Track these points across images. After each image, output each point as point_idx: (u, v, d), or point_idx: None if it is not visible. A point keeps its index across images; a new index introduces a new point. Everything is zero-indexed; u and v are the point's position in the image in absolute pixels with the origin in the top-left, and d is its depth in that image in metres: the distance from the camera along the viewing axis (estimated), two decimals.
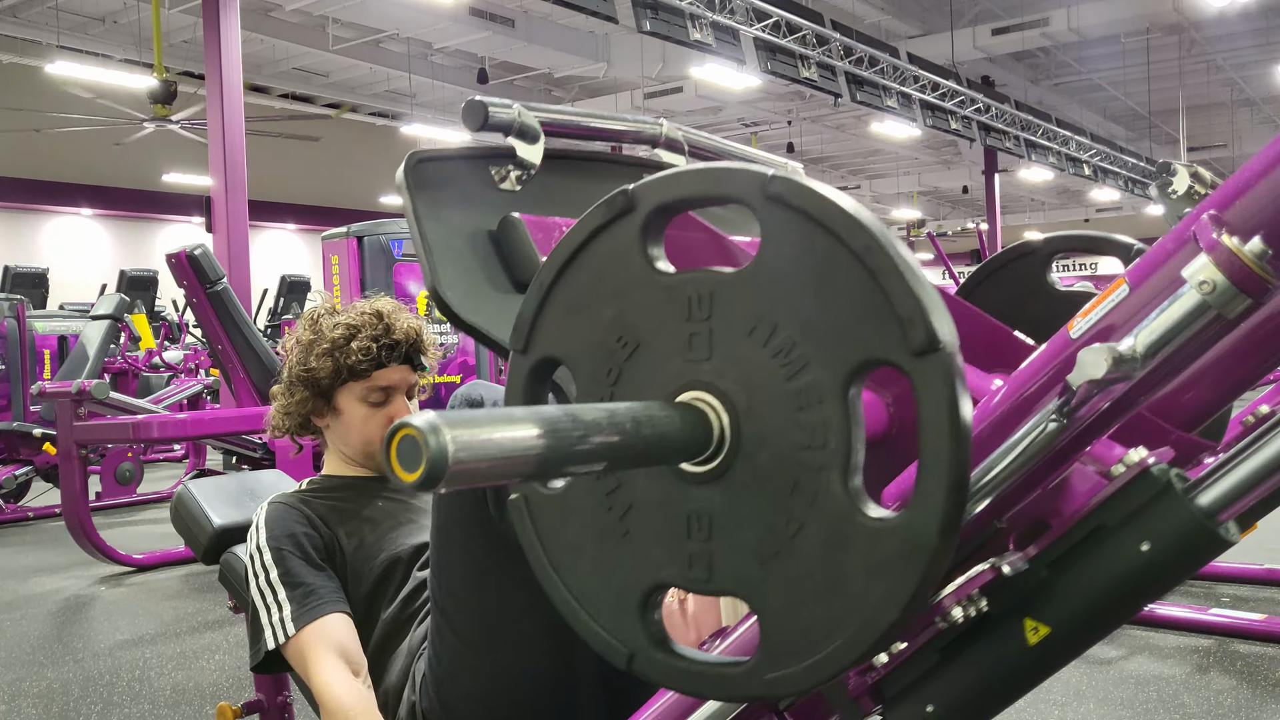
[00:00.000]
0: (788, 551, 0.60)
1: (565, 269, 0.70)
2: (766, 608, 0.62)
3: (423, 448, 0.47)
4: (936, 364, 0.55)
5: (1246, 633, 2.59)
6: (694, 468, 0.63)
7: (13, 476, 5.58)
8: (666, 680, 0.67)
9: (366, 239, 4.22)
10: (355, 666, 1.31)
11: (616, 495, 0.67)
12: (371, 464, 1.55)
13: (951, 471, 0.55)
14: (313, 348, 1.49)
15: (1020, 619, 0.69)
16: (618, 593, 0.67)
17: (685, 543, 0.64)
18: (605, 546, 0.67)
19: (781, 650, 0.61)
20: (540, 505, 0.70)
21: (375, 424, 1.51)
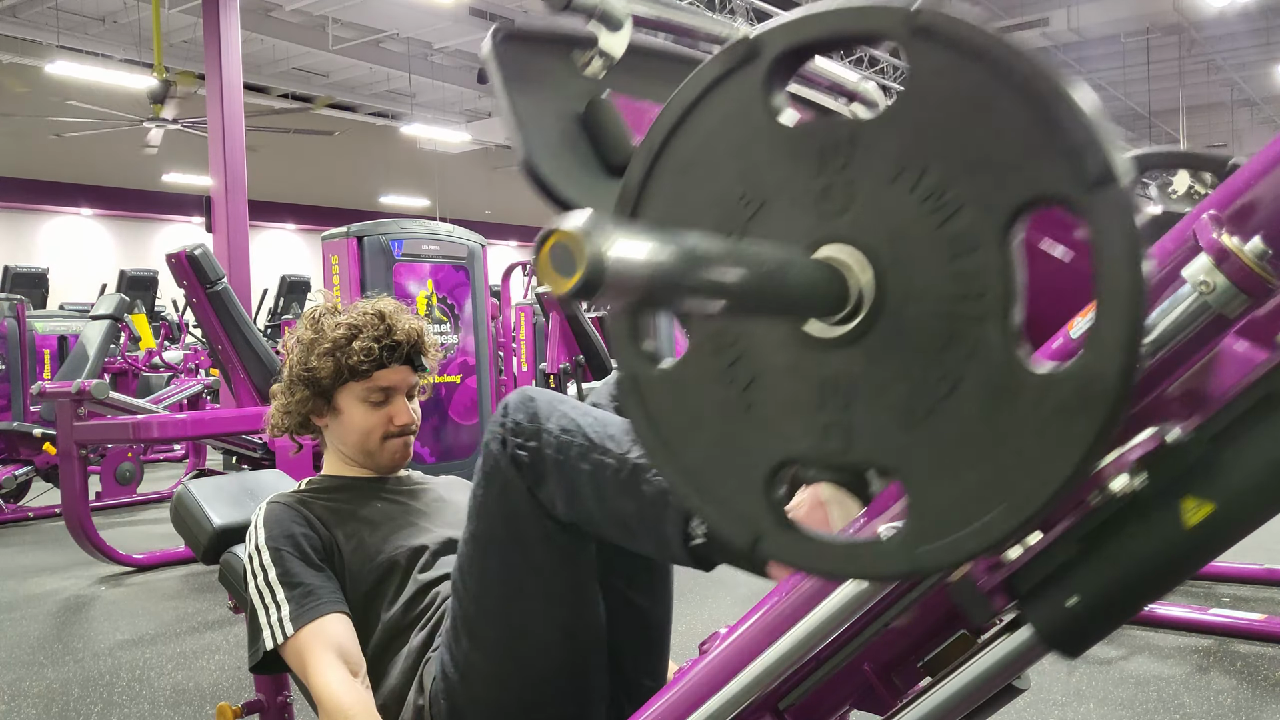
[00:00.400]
0: (940, 413, 0.55)
1: (677, 128, 0.64)
2: (914, 476, 0.57)
3: (581, 250, 0.43)
4: (1114, 196, 0.50)
5: (1246, 633, 2.59)
6: (828, 331, 0.58)
7: (13, 476, 5.57)
8: (799, 560, 0.62)
9: (366, 239, 4.22)
10: (354, 667, 1.31)
11: (738, 368, 0.62)
12: (370, 463, 1.55)
13: (1132, 312, 0.50)
14: (314, 347, 1.49)
15: (1179, 497, 0.63)
16: (740, 471, 0.62)
17: (818, 414, 0.59)
18: (726, 423, 0.63)
19: (933, 521, 0.56)
20: (652, 384, 0.65)
21: (375, 424, 1.52)
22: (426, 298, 4.39)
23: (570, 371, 6.46)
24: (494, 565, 1.17)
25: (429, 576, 1.40)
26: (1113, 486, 0.62)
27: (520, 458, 1.11)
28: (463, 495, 1.64)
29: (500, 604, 1.18)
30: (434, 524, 1.49)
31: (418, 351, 1.54)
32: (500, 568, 1.17)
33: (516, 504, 1.13)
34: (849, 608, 0.79)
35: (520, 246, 20.62)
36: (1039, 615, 0.68)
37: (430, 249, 4.43)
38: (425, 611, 1.37)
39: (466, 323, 4.52)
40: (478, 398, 4.55)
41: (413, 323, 1.54)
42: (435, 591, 1.38)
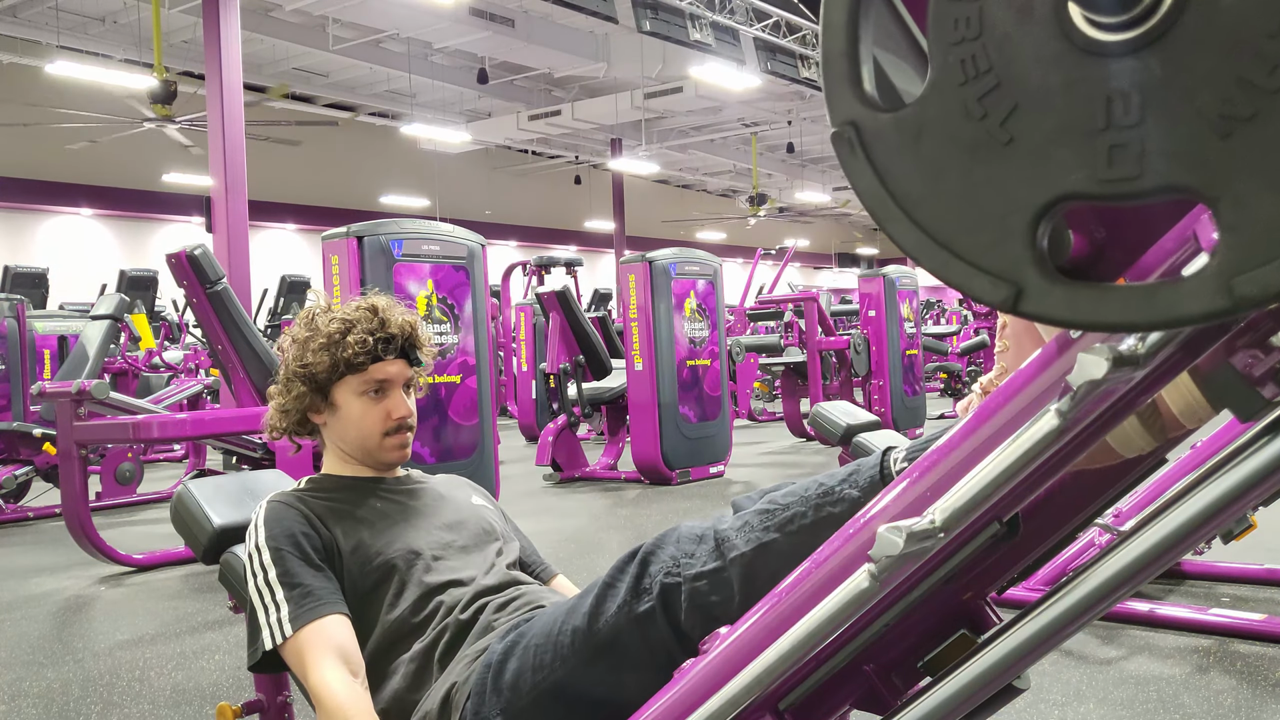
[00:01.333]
0: (1269, 110, 0.47)
1: None
2: (1232, 192, 0.49)
3: None
4: None
5: (1246, 633, 2.59)
6: (1118, 35, 0.51)
7: (13, 476, 5.57)
8: (1073, 313, 0.53)
9: (366, 239, 4.23)
10: (353, 668, 1.31)
11: (995, 96, 0.54)
12: (370, 460, 1.55)
13: None
14: (309, 343, 1.50)
15: None
16: (998, 219, 0.54)
17: (1103, 135, 0.51)
18: (980, 164, 0.54)
19: (1258, 242, 0.48)
20: (880, 133, 0.57)
21: (373, 418, 1.52)
22: (426, 298, 4.39)
23: (570, 371, 6.47)
24: (597, 669, 1.16)
25: (432, 581, 1.40)
26: None
27: (699, 590, 1.09)
28: (462, 494, 1.64)
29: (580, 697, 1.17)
30: (433, 525, 1.49)
31: (412, 345, 1.54)
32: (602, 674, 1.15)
33: (657, 636, 1.11)
34: (849, 608, 0.79)
35: (520, 246, 20.62)
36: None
37: (430, 249, 4.43)
38: (429, 620, 1.37)
39: (466, 323, 4.52)
40: (478, 398, 4.55)
41: (406, 316, 1.55)
42: (439, 600, 1.38)
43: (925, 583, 0.85)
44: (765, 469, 6.98)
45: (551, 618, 1.22)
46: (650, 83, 14.95)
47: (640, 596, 1.13)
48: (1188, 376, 0.71)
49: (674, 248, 6.65)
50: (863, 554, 0.77)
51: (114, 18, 12.28)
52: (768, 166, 21.32)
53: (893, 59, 0.67)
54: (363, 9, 12.18)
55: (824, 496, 1.04)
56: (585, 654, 1.16)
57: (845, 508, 1.03)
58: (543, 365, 7.22)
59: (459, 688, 1.27)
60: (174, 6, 11.09)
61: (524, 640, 1.22)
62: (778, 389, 11.28)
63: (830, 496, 1.04)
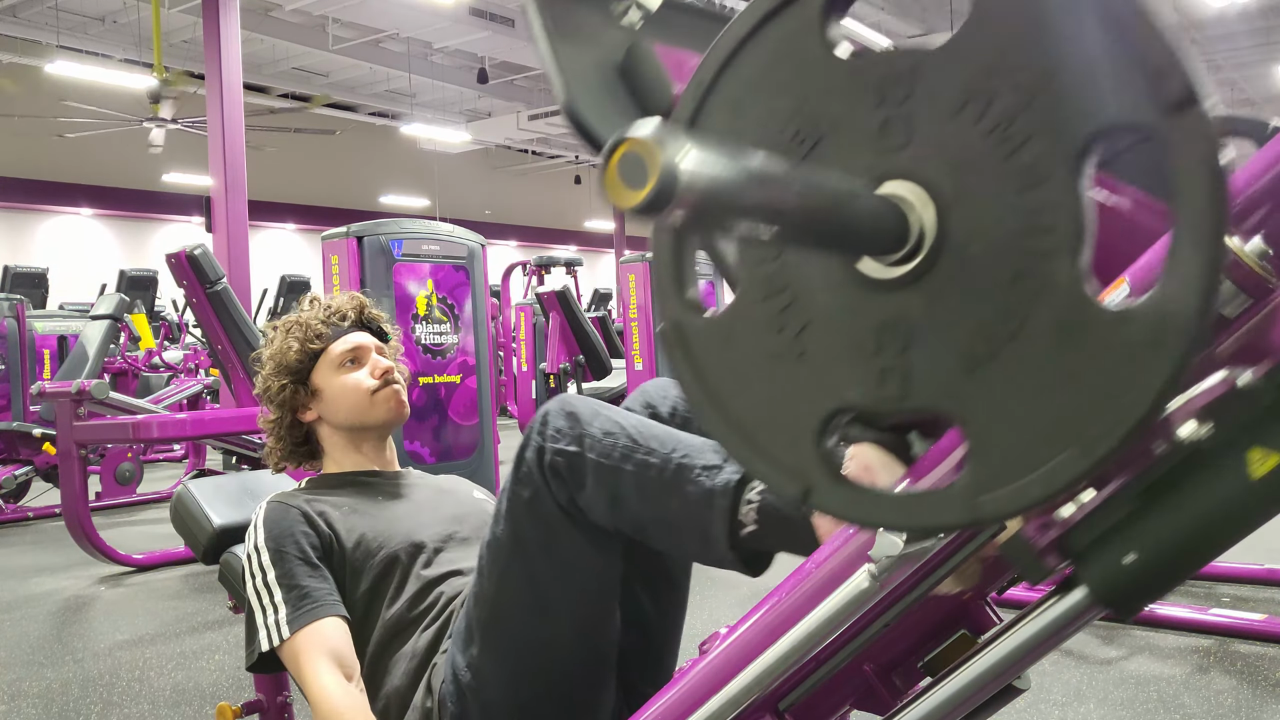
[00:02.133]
0: (1005, 354, 0.53)
1: (729, 62, 0.62)
2: (977, 421, 0.54)
3: (654, 159, 0.41)
4: (1195, 120, 0.48)
5: (1246, 633, 2.59)
6: (886, 272, 0.56)
7: (13, 476, 5.57)
8: (852, 513, 0.60)
9: (366, 239, 4.23)
10: (349, 670, 1.31)
11: (790, 313, 0.60)
12: (367, 424, 1.57)
13: (1213, 243, 0.48)
14: (274, 342, 1.60)
15: (1246, 448, 0.60)
16: (792, 422, 0.60)
17: (874, 358, 0.57)
18: (777, 371, 0.60)
19: (996, 467, 0.53)
20: (698, 334, 0.63)
21: (356, 382, 1.57)
22: (426, 298, 4.39)
23: (570, 371, 6.46)
24: (516, 573, 1.16)
25: (432, 573, 1.40)
26: (1181, 433, 0.59)
27: (558, 464, 1.10)
28: (463, 489, 1.64)
29: (519, 612, 1.17)
30: (435, 518, 1.49)
31: (369, 319, 1.65)
32: (523, 576, 1.16)
33: (546, 512, 1.12)
34: (849, 608, 0.79)
35: (520, 246, 20.61)
36: (1094, 574, 0.65)
37: (430, 249, 4.43)
38: (429, 611, 1.37)
39: (466, 323, 4.52)
40: (477, 398, 4.55)
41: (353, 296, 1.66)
42: (439, 591, 1.38)
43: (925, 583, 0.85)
44: None
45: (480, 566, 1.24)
46: None
47: (523, 481, 1.14)
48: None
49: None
50: (863, 554, 0.77)
51: (114, 17, 12.28)
52: None
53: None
54: (363, 9, 12.17)
55: (680, 471, 1.04)
56: (503, 561, 1.17)
57: (695, 495, 1.02)
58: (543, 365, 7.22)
59: (436, 669, 1.28)
60: (174, 6, 11.09)
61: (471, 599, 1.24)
62: None
63: (686, 476, 1.04)
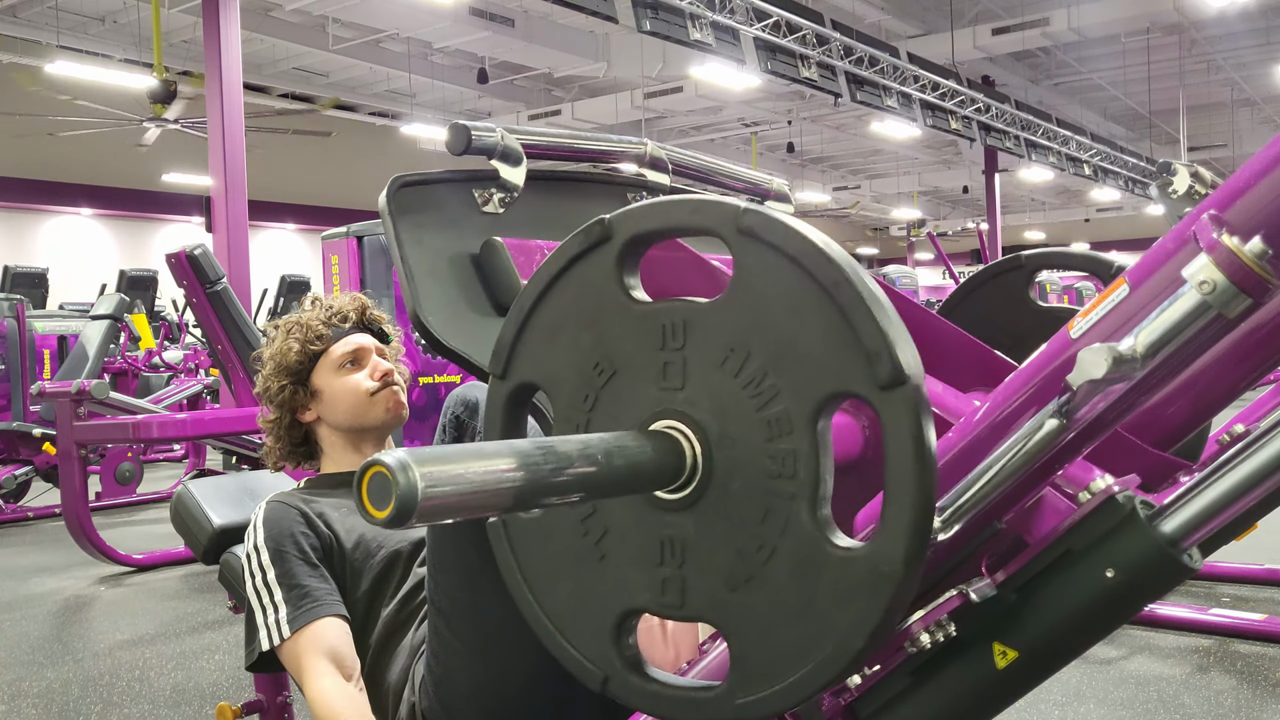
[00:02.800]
0: (758, 578, 0.61)
1: (544, 295, 0.70)
2: (737, 633, 0.62)
3: (392, 485, 0.46)
4: (901, 398, 0.56)
5: (1246, 633, 2.59)
6: (667, 495, 0.64)
7: (13, 476, 5.57)
8: (640, 703, 0.68)
9: (366, 239, 4.23)
10: (348, 671, 1.31)
11: (592, 520, 0.68)
12: (366, 424, 1.57)
13: (916, 505, 0.56)
14: (275, 342, 1.59)
15: (989, 643, 0.70)
16: (593, 616, 0.68)
17: (658, 568, 0.65)
18: (581, 570, 0.68)
19: (752, 675, 0.62)
20: (518, 529, 0.71)
21: (356, 383, 1.56)
22: None
23: None
24: (455, 556, 1.16)
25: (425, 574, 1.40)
26: (922, 639, 0.69)
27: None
28: None
29: (469, 594, 1.16)
30: None
31: (370, 320, 1.63)
32: (461, 559, 1.16)
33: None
34: None
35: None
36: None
37: None
38: (422, 605, 1.37)
39: None
40: None
41: (354, 297, 1.64)
42: None
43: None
44: None
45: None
46: (650, 82, 14.94)
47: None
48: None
49: None
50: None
51: (114, 17, 12.27)
52: (768, 166, 21.31)
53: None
54: (363, 9, 12.17)
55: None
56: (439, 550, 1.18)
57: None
58: None
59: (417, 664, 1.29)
60: (174, 6, 11.08)
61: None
62: None
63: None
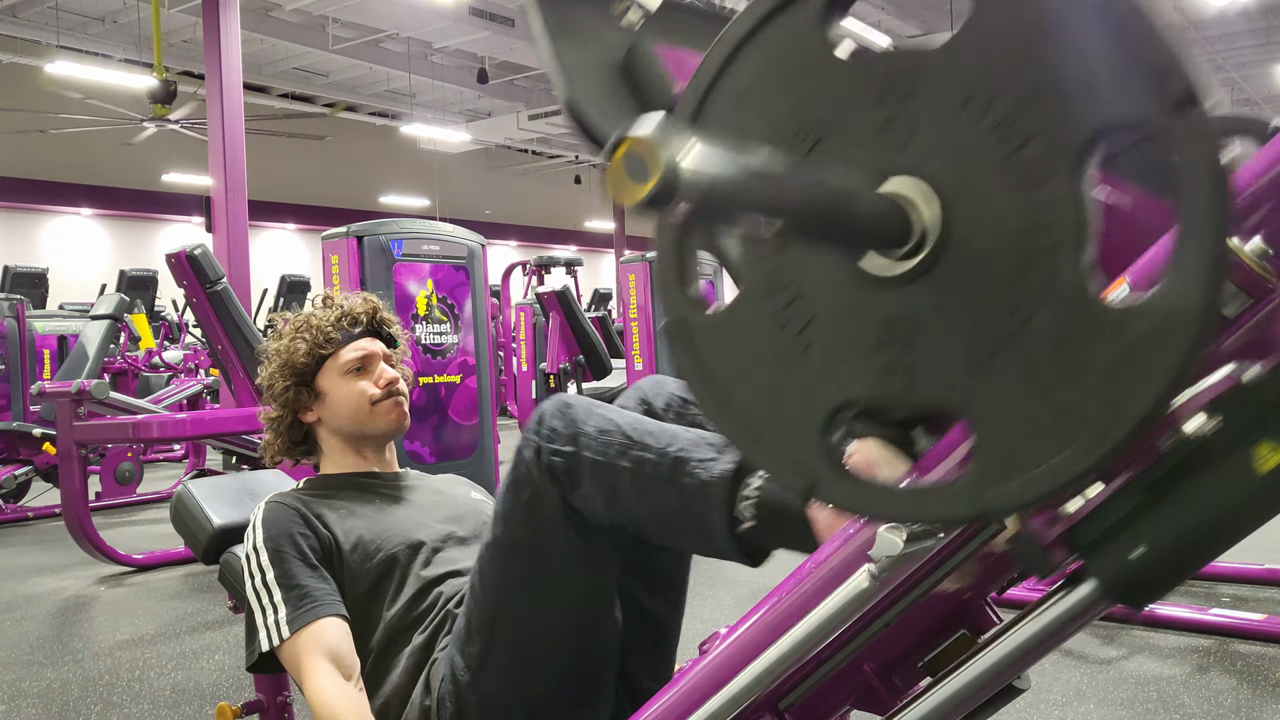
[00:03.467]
0: (1009, 349, 0.53)
1: (730, 62, 0.62)
2: (982, 416, 0.55)
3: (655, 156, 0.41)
4: (1198, 118, 0.48)
5: (1246, 633, 2.59)
6: (890, 269, 0.56)
7: (13, 476, 5.57)
8: (857, 505, 0.60)
9: (366, 239, 4.22)
10: (348, 671, 1.31)
11: (794, 309, 0.60)
12: (368, 432, 1.57)
13: (1217, 238, 0.48)
14: (282, 341, 1.57)
15: (1253, 443, 0.60)
16: (796, 416, 0.60)
17: (879, 353, 0.57)
18: (781, 367, 0.61)
19: (1000, 462, 0.54)
20: (702, 331, 0.64)
21: (360, 390, 1.55)
22: (426, 297, 4.39)
23: (570, 371, 6.47)
24: (515, 571, 1.17)
25: (431, 574, 1.40)
26: (1186, 428, 0.59)
27: (555, 464, 1.10)
28: (461, 490, 1.64)
29: (518, 609, 1.18)
30: (433, 519, 1.50)
31: (381, 323, 1.62)
32: (522, 574, 1.17)
33: (545, 512, 1.13)
34: (849, 608, 0.79)
35: (520, 246, 20.61)
36: (1102, 568, 0.65)
37: (430, 249, 4.43)
38: (429, 611, 1.37)
39: (466, 323, 4.52)
40: (477, 398, 4.55)
41: (368, 298, 1.63)
42: (438, 591, 1.38)
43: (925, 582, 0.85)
44: None
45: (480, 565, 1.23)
46: None
47: (521, 483, 1.15)
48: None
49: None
50: (863, 554, 0.77)
51: (114, 17, 12.28)
52: None
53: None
54: (363, 9, 12.17)
55: (676, 465, 1.04)
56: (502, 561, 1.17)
57: (691, 487, 1.02)
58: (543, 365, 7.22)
59: (435, 668, 1.28)
60: (174, 6, 11.09)
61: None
62: None
63: (682, 469, 1.04)
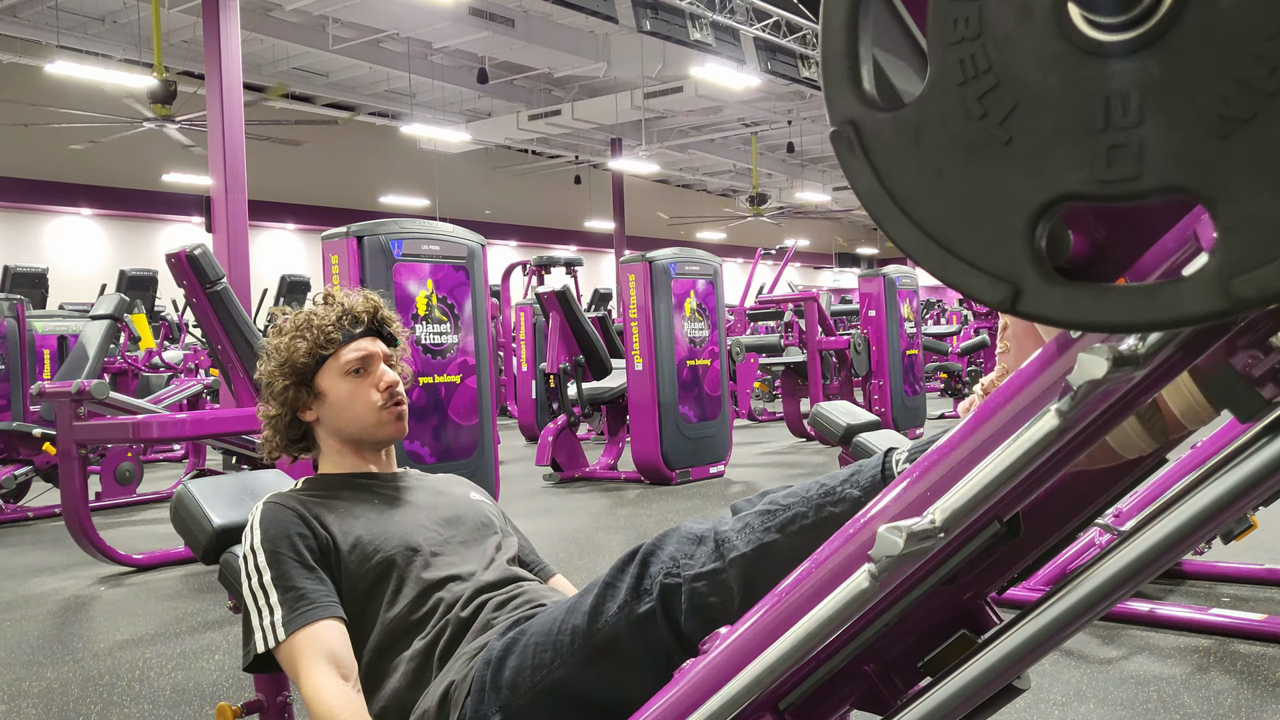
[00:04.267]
0: (1268, 112, 0.47)
1: None
2: (1228, 194, 0.49)
3: None
4: None
5: (1246, 633, 2.59)
6: (1117, 36, 0.50)
7: (13, 476, 5.57)
8: (1072, 313, 0.53)
9: (366, 239, 4.23)
10: (345, 671, 1.31)
11: (994, 96, 0.53)
12: (368, 437, 1.56)
13: None
14: (283, 340, 1.55)
15: None
16: (997, 218, 0.54)
17: (1102, 134, 0.51)
18: (979, 164, 0.54)
19: (1256, 243, 0.48)
20: (880, 132, 0.57)
21: (363, 394, 1.54)
22: (426, 298, 4.39)
23: (570, 371, 6.47)
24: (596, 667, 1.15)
25: (431, 577, 1.40)
26: None
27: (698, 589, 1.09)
28: (460, 490, 1.64)
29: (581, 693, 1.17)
30: (432, 521, 1.49)
31: (381, 321, 1.60)
32: (601, 673, 1.15)
33: (654, 634, 1.11)
34: (849, 608, 0.79)
35: (520, 246, 20.61)
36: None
37: (430, 249, 4.43)
38: (429, 616, 1.37)
39: (466, 323, 4.52)
40: (478, 398, 4.55)
41: (369, 297, 1.61)
42: (439, 596, 1.38)
43: (925, 583, 0.85)
44: (765, 469, 6.98)
45: (552, 616, 1.22)
46: (650, 82, 14.94)
47: (640, 597, 1.12)
48: (1188, 377, 0.71)
49: (674, 248, 6.68)
50: (863, 554, 0.77)
51: (114, 17, 12.28)
52: (768, 166, 21.31)
53: (893, 59, 0.67)
54: (363, 9, 12.17)
55: (825, 496, 1.04)
56: (585, 654, 1.16)
57: (847, 507, 1.03)
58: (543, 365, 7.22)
59: (457, 685, 1.26)
60: (174, 6, 11.09)
61: (524, 638, 1.22)
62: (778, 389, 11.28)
63: (832, 496, 1.04)
